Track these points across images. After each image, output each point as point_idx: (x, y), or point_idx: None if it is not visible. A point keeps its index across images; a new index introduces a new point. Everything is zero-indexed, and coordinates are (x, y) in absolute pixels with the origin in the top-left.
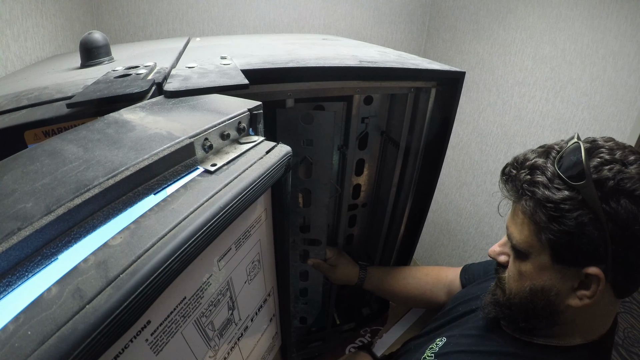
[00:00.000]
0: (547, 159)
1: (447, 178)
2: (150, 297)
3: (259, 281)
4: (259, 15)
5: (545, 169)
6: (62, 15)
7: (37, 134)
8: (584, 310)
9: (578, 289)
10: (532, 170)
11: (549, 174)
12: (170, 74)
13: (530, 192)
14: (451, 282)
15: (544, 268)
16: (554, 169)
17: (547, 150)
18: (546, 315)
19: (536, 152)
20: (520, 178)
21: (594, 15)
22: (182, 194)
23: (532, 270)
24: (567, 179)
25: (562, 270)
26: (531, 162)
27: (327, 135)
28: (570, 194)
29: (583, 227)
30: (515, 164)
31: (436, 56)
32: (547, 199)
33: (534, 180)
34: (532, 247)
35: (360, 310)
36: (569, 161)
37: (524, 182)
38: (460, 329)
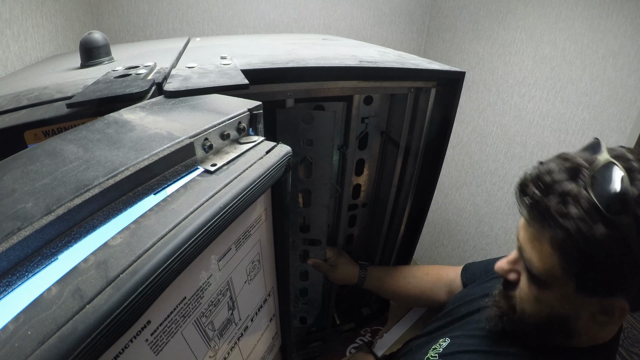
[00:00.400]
0: (577, 181)
1: (447, 178)
2: (150, 297)
3: (259, 281)
4: (259, 15)
5: (580, 197)
6: (62, 15)
7: (37, 134)
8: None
9: (599, 314)
10: (563, 197)
11: (584, 203)
12: (170, 74)
13: (563, 225)
14: (452, 281)
15: (566, 297)
16: (589, 198)
17: (575, 169)
18: (561, 336)
19: (563, 171)
20: (550, 206)
21: (594, 15)
22: (182, 194)
23: (552, 298)
24: (607, 212)
25: (585, 299)
26: (561, 186)
27: (327, 135)
28: (608, 231)
29: (616, 262)
30: (539, 185)
31: (436, 56)
32: (582, 234)
33: (567, 213)
34: (555, 277)
35: (360, 310)
36: (606, 187)
37: (556, 213)
38: (463, 329)
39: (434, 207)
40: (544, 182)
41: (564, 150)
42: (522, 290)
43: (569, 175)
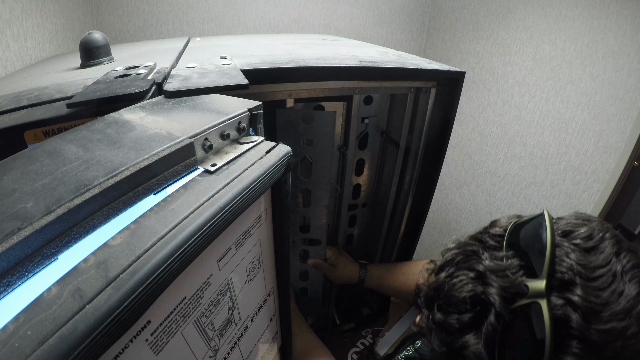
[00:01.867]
0: (478, 334)
1: (447, 178)
2: (150, 297)
3: (259, 281)
4: (259, 15)
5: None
6: (62, 15)
7: (37, 134)
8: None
9: None
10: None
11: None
12: (170, 74)
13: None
14: None
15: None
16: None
17: (482, 304)
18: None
19: (467, 301)
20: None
21: (594, 15)
22: (182, 194)
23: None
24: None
25: None
26: (458, 339)
27: (327, 135)
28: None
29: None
30: (435, 307)
31: (436, 56)
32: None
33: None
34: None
35: (360, 310)
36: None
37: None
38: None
39: (434, 207)
40: (444, 303)
41: (564, 153)
42: None
43: (472, 315)
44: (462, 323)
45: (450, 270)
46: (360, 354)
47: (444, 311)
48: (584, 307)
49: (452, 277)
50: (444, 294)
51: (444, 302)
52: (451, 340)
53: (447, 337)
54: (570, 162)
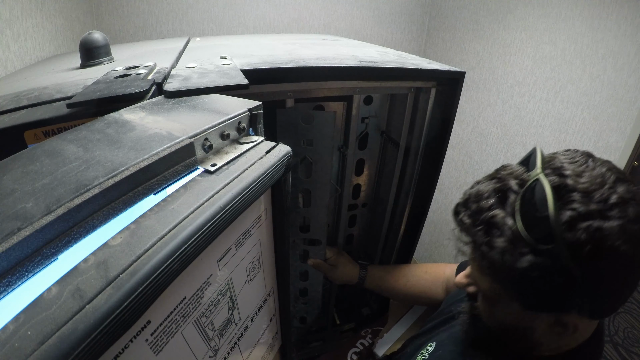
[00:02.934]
0: (504, 206)
1: (447, 178)
2: (150, 297)
3: (259, 281)
4: (259, 15)
5: (504, 226)
6: (62, 15)
7: (37, 134)
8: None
9: (555, 325)
10: (489, 227)
11: (509, 233)
12: (170, 74)
13: (490, 258)
14: (448, 279)
15: (516, 313)
16: (513, 227)
17: (503, 191)
18: (523, 345)
19: (491, 195)
20: (477, 240)
21: (594, 15)
22: (182, 194)
23: (503, 314)
24: (533, 241)
25: (535, 314)
26: (487, 215)
27: (327, 135)
28: (536, 259)
29: (554, 285)
30: (467, 209)
31: (436, 56)
32: (507, 266)
33: (493, 244)
34: (500, 295)
35: (360, 310)
36: (532, 214)
37: (482, 245)
38: (449, 332)
39: (434, 207)
40: (471, 209)
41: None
42: (480, 304)
43: (497, 199)
44: (489, 206)
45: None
46: (359, 354)
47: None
48: (574, 179)
49: (474, 188)
50: (474, 197)
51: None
52: (483, 220)
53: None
54: None
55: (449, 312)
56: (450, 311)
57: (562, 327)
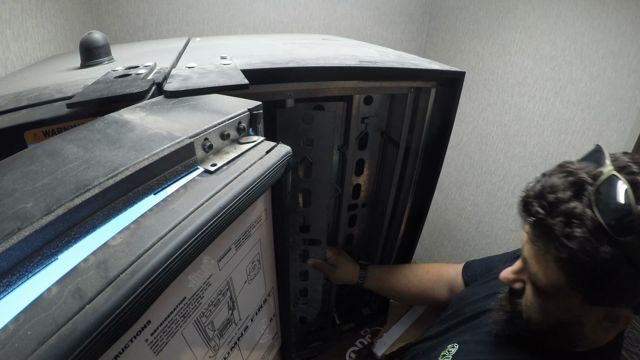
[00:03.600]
0: (581, 199)
1: (447, 178)
2: (150, 297)
3: (259, 281)
4: (259, 15)
5: (584, 217)
6: (62, 15)
7: (37, 134)
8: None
9: (604, 320)
10: (567, 218)
11: (589, 223)
12: (170, 74)
13: (567, 245)
14: (453, 280)
15: (571, 308)
16: (594, 218)
17: (579, 184)
18: (568, 341)
19: (567, 187)
20: (555, 228)
21: (594, 15)
22: (182, 194)
23: (557, 308)
24: (612, 233)
25: (591, 309)
26: (566, 207)
27: (327, 135)
28: (614, 250)
29: (622, 278)
30: (543, 203)
31: (436, 56)
32: (587, 255)
33: (572, 234)
34: (561, 290)
35: (360, 310)
36: (611, 207)
37: (561, 235)
38: (471, 334)
39: (434, 207)
40: (547, 201)
41: (564, 153)
42: (528, 299)
43: (573, 192)
44: (567, 197)
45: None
46: (358, 353)
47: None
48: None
49: (546, 181)
50: (548, 189)
51: (549, 190)
52: (562, 211)
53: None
54: None
55: (466, 313)
56: (465, 312)
57: (610, 322)
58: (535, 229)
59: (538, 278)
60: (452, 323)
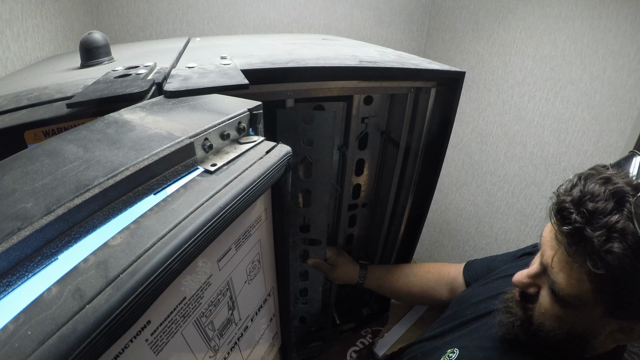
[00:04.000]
0: (622, 211)
1: (447, 178)
2: (150, 297)
3: (259, 281)
4: (259, 15)
5: (626, 232)
6: (62, 15)
7: (37, 134)
8: None
9: (617, 332)
10: (610, 232)
11: (631, 239)
12: (170, 74)
13: (605, 259)
14: (454, 279)
15: (590, 319)
16: (636, 233)
17: (619, 195)
18: (577, 350)
19: (608, 198)
20: (594, 241)
21: (594, 15)
22: (182, 194)
23: (574, 318)
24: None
25: (609, 321)
26: (608, 219)
27: (327, 135)
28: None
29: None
30: (582, 211)
31: (436, 56)
32: (624, 272)
33: (612, 250)
34: (583, 302)
35: (360, 310)
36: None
37: (600, 250)
38: (471, 338)
39: (434, 207)
40: (587, 209)
41: (564, 153)
42: (543, 305)
43: (614, 203)
44: (607, 209)
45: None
46: (359, 353)
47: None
48: None
49: (584, 187)
50: (585, 196)
51: (589, 198)
52: (604, 224)
53: (599, 222)
54: (570, 162)
55: (466, 315)
56: (466, 314)
57: (623, 334)
58: (570, 238)
59: (561, 288)
60: (452, 325)
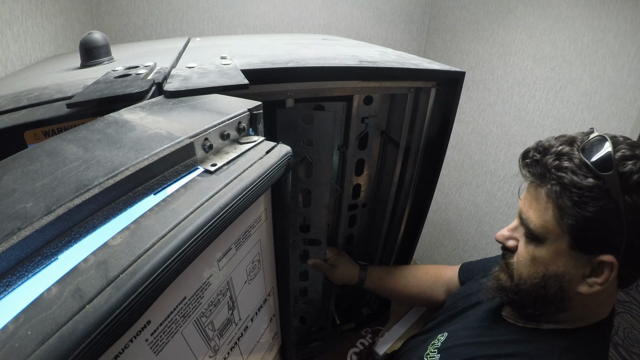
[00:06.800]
0: (572, 146)
1: (447, 178)
2: (150, 297)
3: (259, 281)
4: (259, 15)
5: (572, 156)
6: (62, 15)
7: (37, 134)
8: (590, 297)
9: (589, 276)
10: (559, 156)
11: (577, 161)
12: (170, 74)
13: (558, 176)
14: (450, 280)
15: (559, 254)
16: (580, 157)
17: (570, 140)
18: (556, 302)
19: (559, 140)
20: (547, 163)
21: (594, 15)
22: (182, 194)
23: (546, 255)
24: (595, 168)
25: (577, 257)
26: (557, 148)
27: (327, 135)
28: (597, 182)
29: (604, 215)
30: (539, 149)
31: (436, 56)
32: (574, 185)
33: (562, 166)
34: (551, 232)
35: (360, 310)
36: (595, 151)
37: (552, 167)
38: (461, 323)
39: (434, 207)
40: (542, 146)
41: None
42: (520, 254)
43: (565, 143)
44: (559, 144)
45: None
46: (359, 354)
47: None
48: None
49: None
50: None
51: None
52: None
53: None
54: None
55: (458, 307)
56: (458, 306)
57: (596, 277)
58: (530, 169)
59: (531, 221)
60: (444, 317)
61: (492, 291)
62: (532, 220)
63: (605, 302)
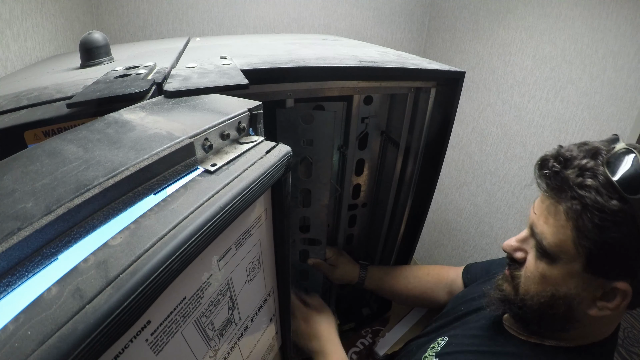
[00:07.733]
0: (596, 160)
1: (447, 178)
2: (150, 297)
3: (259, 281)
4: (259, 15)
5: (597, 172)
6: (62, 15)
7: (37, 134)
8: (599, 318)
9: (600, 300)
10: (582, 171)
11: (601, 178)
12: (170, 74)
13: (580, 195)
14: (452, 282)
15: (572, 275)
16: (605, 173)
17: (594, 151)
18: (562, 321)
19: (582, 151)
20: (569, 177)
21: (594, 15)
22: (182, 194)
23: (558, 276)
24: (620, 188)
25: (590, 280)
26: (580, 162)
27: (327, 135)
28: (622, 206)
29: (626, 242)
30: (559, 159)
31: (436, 56)
32: (597, 207)
33: (585, 184)
34: (565, 252)
35: (360, 310)
36: (623, 169)
37: (574, 184)
38: (462, 329)
39: (434, 207)
40: (563, 157)
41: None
42: (529, 269)
43: (588, 155)
44: (582, 156)
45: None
46: (359, 354)
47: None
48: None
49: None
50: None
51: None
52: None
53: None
54: None
55: (460, 311)
56: (460, 310)
57: (606, 302)
58: (549, 182)
59: (545, 237)
60: (446, 320)
61: (496, 302)
62: (546, 237)
63: (612, 321)
